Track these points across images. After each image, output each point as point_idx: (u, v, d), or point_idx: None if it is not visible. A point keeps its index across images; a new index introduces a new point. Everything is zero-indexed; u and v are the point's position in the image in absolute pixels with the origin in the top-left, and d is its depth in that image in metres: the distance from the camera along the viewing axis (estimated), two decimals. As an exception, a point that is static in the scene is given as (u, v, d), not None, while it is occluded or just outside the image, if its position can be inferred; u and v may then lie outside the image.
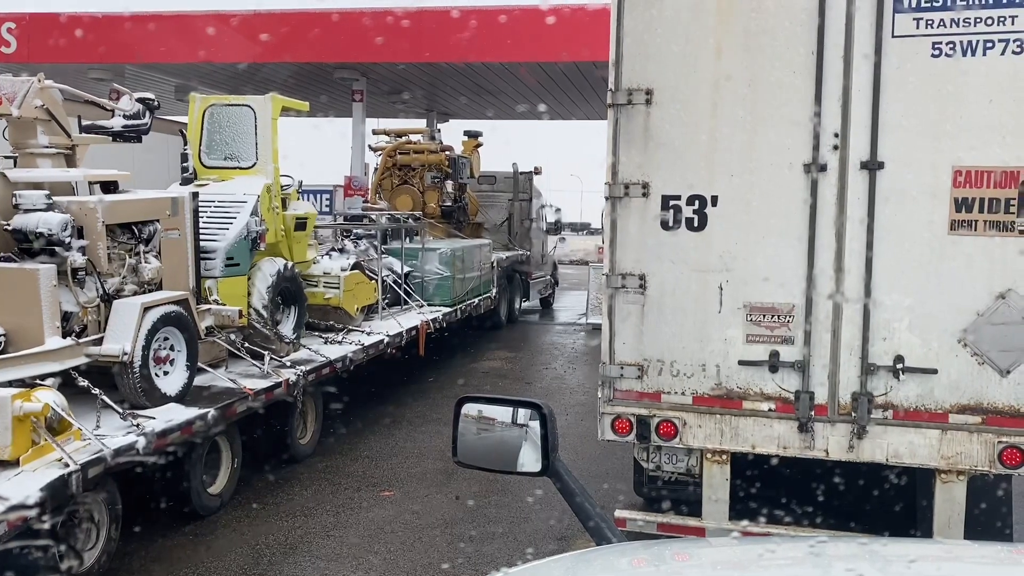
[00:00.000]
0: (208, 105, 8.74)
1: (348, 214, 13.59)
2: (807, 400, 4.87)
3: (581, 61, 15.06)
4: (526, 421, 2.32)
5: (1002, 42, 4.50)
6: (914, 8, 4.60)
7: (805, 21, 4.73)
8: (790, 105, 4.78)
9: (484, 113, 22.55)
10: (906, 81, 4.64)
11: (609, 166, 5.09)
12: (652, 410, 5.12)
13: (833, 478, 5.20)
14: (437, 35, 15.04)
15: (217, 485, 6.83)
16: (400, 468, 7.99)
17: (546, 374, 12.72)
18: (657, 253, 5.05)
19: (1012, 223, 4.55)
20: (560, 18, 14.58)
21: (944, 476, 4.76)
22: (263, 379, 7.30)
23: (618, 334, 5.16)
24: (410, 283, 12.06)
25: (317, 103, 17.64)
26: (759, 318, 4.92)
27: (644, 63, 4.98)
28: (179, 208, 7.10)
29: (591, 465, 7.75)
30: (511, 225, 17.90)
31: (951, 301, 4.66)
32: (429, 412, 9.92)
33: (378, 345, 9.53)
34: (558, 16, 14.61)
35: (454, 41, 15.03)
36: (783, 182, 4.81)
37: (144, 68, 17.00)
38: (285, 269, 8.39)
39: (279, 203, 8.57)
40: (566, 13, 14.63)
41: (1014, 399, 4.63)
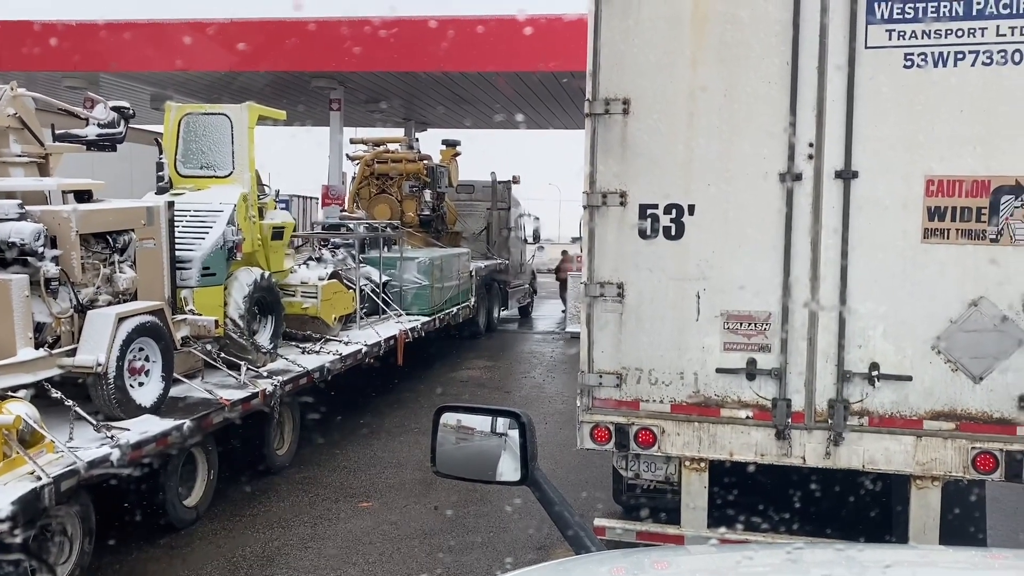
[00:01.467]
0: (184, 114, 8.69)
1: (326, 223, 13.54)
2: (784, 407, 4.90)
3: (558, 71, 15.13)
4: (505, 430, 2.32)
5: (972, 53, 4.57)
6: (886, 20, 4.67)
7: (780, 32, 4.78)
8: (765, 115, 4.82)
9: (462, 122, 22.59)
10: (879, 92, 4.70)
11: (587, 175, 5.11)
12: (631, 418, 5.13)
13: (810, 485, 5.24)
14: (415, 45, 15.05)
15: (193, 497, 6.76)
16: (378, 478, 7.95)
17: (525, 383, 12.71)
18: (635, 262, 5.07)
19: (983, 232, 4.62)
20: (537, 28, 14.64)
21: (919, 482, 4.80)
22: (240, 390, 7.24)
23: (597, 343, 5.17)
24: (388, 292, 12.02)
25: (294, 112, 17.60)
26: (736, 326, 4.95)
27: (621, 73, 5.01)
28: (154, 217, 7.04)
29: (570, 474, 7.75)
30: (489, 234, 17.91)
31: (925, 309, 4.71)
32: (408, 422, 9.88)
33: (356, 355, 9.48)
34: (535, 27, 14.67)
35: (432, 51, 15.05)
36: (759, 191, 4.85)
37: (119, 76, 16.86)
38: (262, 279, 8.34)
39: (256, 212, 8.53)
40: (543, 24, 14.69)
41: (987, 405, 4.68)
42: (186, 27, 15.49)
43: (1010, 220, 4.58)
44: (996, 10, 4.53)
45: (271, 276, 8.63)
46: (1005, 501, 6.73)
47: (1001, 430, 4.67)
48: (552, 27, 14.52)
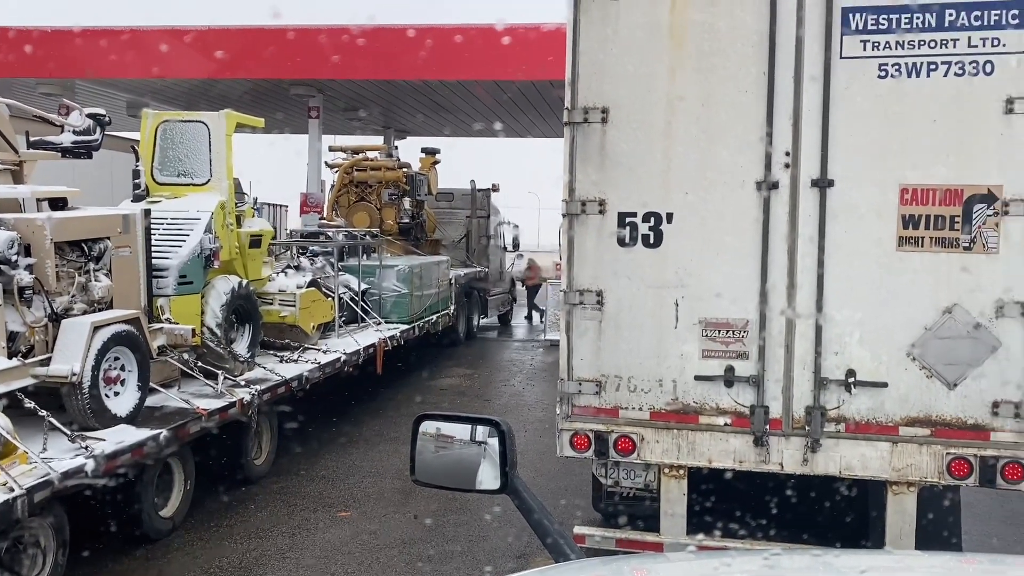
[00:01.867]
0: (161, 121, 8.63)
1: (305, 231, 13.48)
2: (762, 414, 4.93)
3: (538, 80, 15.18)
4: (484, 438, 2.31)
5: (945, 64, 4.64)
6: (861, 30, 4.73)
7: (756, 42, 4.83)
8: (742, 124, 4.86)
9: (441, 130, 22.58)
10: (854, 101, 4.75)
11: (566, 183, 5.13)
12: (610, 426, 5.14)
13: (788, 491, 5.27)
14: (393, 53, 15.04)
15: (169, 507, 6.69)
16: (357, 488, 7.90)
17: (504, 391, 12.70)
18: (614, 269, 5.09)
19: (957, 240, 4.68)
20: (516, 37, 14.68)
21: (895, 488, 4.84)
22: (217, 399, 7.18)
23: (576, 350, 5.18)
24: (367, 300, 11.98)
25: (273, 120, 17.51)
26: (714, 333, 4.98)
27: (600, 82, 5.04)
28: (130, 225, 6.98)
29: (550, 482, 7.74)
30: (469, 242, 17.90)
31: (900, 316, 4.76)
32: (387, 430, 9.84)
33: (335, 363, 9.43)
34: (514, 36, 14.71)
35: (411, 59, 15.04)
36: (736, 199, 4.89)
37: (95, 83, 16.71)
38: (239, 287, 8.28)
39: (233, 220, 8.47)
40: (522, 32, 14.74)
41: (961, 411, 4.74)
42: (163, 34, 15.39)
43: (982, 228, 4.64)
44: (967, 22, 4.60)
45: (249, 284, 8.57)
46: (979, 506, 6.80)
47: (975, 436, 4.72)
48: (531, 36, 14.58)
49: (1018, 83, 4.56)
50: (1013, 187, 4.60)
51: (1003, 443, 4.69)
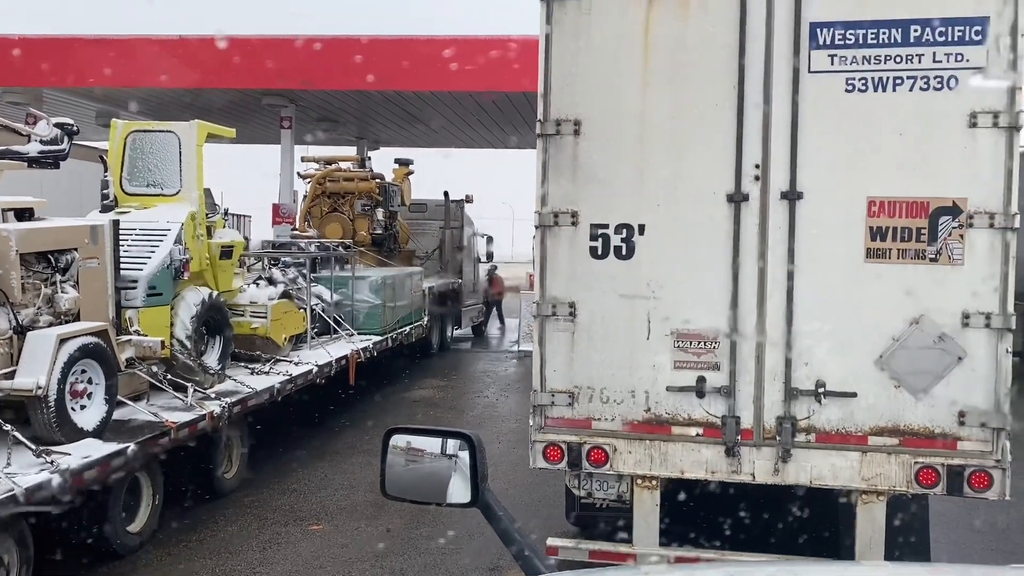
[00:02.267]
0: (130, 131, 8.54)
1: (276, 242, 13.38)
2: (733, 425, 4.96)
3: (511, 91, 15.22)
4: (455, 452, 2.30)
5: (910, 79, 4.72)
6: (829, 45, 4.80)
7: (726, 56, 4.88)
8: (713, 137, 4.91)
9: (415, 141, 22.56)
10: (822, 115, 4.82)
11: (539, 195, 5.14)
12: (583, 437, 5.14)
13: (760, 501, 5.30)
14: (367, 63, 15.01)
15: (137, 523, 6.59)
16: (329, 501, 7.83)
17: (478, 402, 12.67)
18: (587, 281, 5.10)
19: (923, 251, 4.75)
20: (490, 49, 14.72)
21: (865, 497, 4.89)
22: (186, 412, 7.09)
23: (549, 362, 5.18)
24: (340, 312, 11.91)
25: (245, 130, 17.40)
26: (686, 344, 5.01)
27: (572, 95, 5.06)
28: (98, 236, 6.89)
29: (523, 494, 7.72)
30: (442, 253, 17.87)
31: (868, 327, 4.82)
32: (359, 443, 9.77)
33: (307, 375, 9.36)
34: (488, 47, 14.76)
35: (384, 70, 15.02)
36: (707, 212, 4.93)
37: (64, 92, 16.51)
38: (210, 298, 8.20)
39: (204, 231, 8.39)
40: (496, 44, 14.79)
41: (928, 421, 4.80)
42: (134, 43, 15.26)
43: (948, 240, 4.71)
44: (932, 38, 4.68)
45: (220, 296, 8.49)
46: (948, 515, 6.88)
47: (942, 445, 4.78)
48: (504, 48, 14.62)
49: (981, 98, 4.64)
50: (977, 200, 4.67)
51: (970, 452, 4.75)
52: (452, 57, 14.67)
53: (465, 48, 14.83)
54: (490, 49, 14.70)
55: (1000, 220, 4.65)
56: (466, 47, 14.85)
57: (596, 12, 5.02)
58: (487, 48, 14.74)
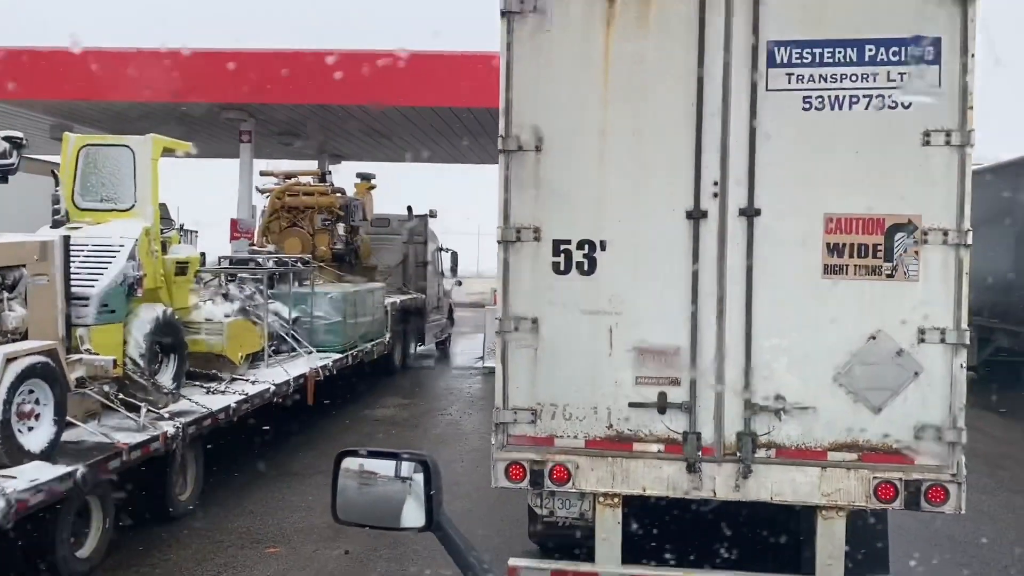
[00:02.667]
0: (83, 145, 8.37)
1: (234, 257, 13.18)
2: (694, 441, 4.95)
3: (475, 107, 15.23)
4: (410, 474, 2.24)
5: (866, 97, 4.78)
6: (786, 64, 4.84)
7: (685, 74, 4.91)
8: (672, 154, 4.92)
9: (377, 155, 22.45)
10: (780, 133, 4.86)
11: (501, 211, 5.11)
12: (545, 455, 5.09)
13: (723, 518, 5.29)
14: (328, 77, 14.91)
15: (87, 548, 6.39)
16: (286, 523, 7.68)
17: (441, 420, 12.57)
18: (549, 297, 5.07)
19: (880, 267, 4.79)
20: (453, 64, 14.73)
21: (824, 512, 4.90)
22: (139, 433, 6.93)
23: (511, 378, 5.14)
24: (299, 329, 11.75)
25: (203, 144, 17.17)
26: (647, 360, 4.99)
27: (533, 111, 5.05)
28: (48, 252, 6.73)
29: (486, 513, 7.65)
30: (405, 268, 17.77)
31: (827, 342, 4.85)
32: (317, 463, 9.60)
33: (263, 394, 9.21)
34: (451, 62, 14.76)
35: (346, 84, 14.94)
36: (667, 228, 4.94)
37: (15, 105, 16.16)
38: (164, 316, 8.03)
39: (159, 247, 8.23)
40: (459, 59, 14.79)
41: (886, 436, 4.82)
42: (90, 55, 14.99)
43: (904, 256, 4.77)
44: (887, 57, 4.75)
45: (174, 313, 8.32)
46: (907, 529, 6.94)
47: (900, 460, 4.81)
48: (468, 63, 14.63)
49: (934, 117, 4.72)
50: (931, 217, 4.74)
51: (927, 466, 4.79)
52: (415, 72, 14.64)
53: (427, 63, 14.81)
54: (453, 65, 14.71)
55: (954, 237, 4.72)
56: (428, 62, 14.83)
57: (557, 29, 5.03)
58: (450, 63, 14.74)
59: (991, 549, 7.26)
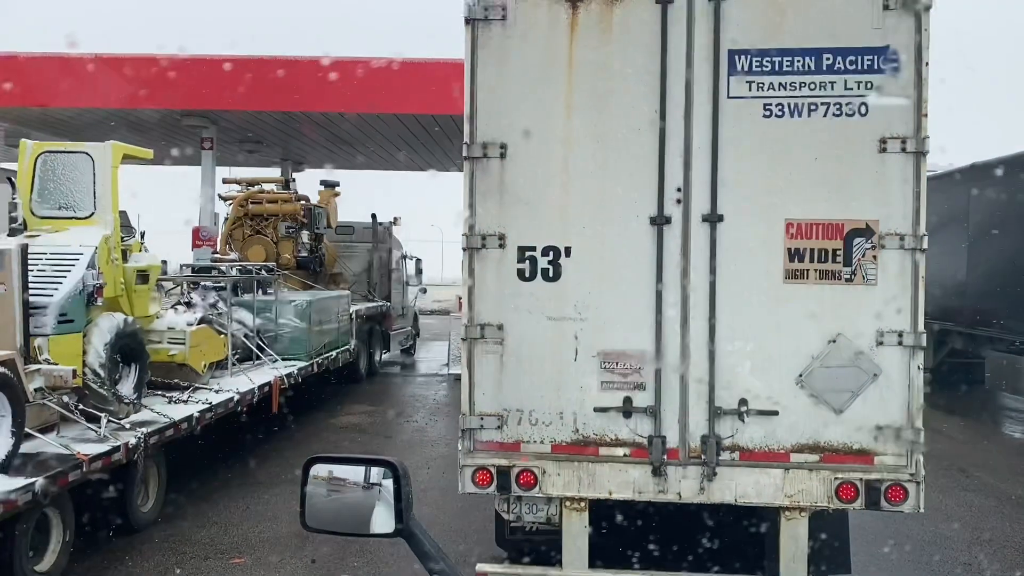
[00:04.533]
0: (41, 151, 8.23)
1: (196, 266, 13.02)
2: (660, 444, 4.99)
3: (439, 114, 15.22)
4: (379, 480, 2.25)
5: (824, 105, 4.88)
6: (746, 72, 4.93)
7: (649, 82, 4.97)
8: (636, 161, 4.98)
9: (342, 163, 22.33)
10: (741, 140, 4.94)
11: (466, 218, 5.12)
12: (512, 460, 5.10)
13: (689, 521, 5.34)
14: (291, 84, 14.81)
15: (45, 562, 6.26)
16: (251, 533, 7.60)
17: (407, 427, 12.52)
18: (514, 303, 5.09)
19: (839, 272, 4.89)
20: (417, 71, 14.70)
21: (788, 513, 4.97)
22: (100, 444, 6.82)
23: (478, 384, 5.14)
24: (263, 337, 11.64)
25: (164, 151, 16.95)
26: (612, 365, 5.04)
27: (498, 118, 5.07)
28: (5, 261, 6.60)
29: (453, 520, 7.63)
30: (370, 276, 17.69)
31: (789, 346, 4.93)
32: (283, 472, 9.51)
33: (227, 403, 9.10)
34: (414, 69, 14.73)
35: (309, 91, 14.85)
36: (631, 234, 4.99)
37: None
38: (125, 325, 7.91)
39: (119, 255, 8.11)
40: (422, 66, 14.78)
41: (847, 437, 4.92)
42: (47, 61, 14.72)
43: (862, 261, 4.87)
44: (843, 66, 4.86)
45: (135, 322, 8.20)
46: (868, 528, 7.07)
47: (860, 460, 4.91)
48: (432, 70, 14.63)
49: (889, 124, 4.83)
50: (887, 222, 4.84)
51: (886, 466, 4.89)
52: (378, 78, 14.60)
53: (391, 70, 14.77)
54: (417, 72, 14.68)
55: (910, 241, 4.83)
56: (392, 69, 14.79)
57: (520, 36, 5.06)
58: (413, 71, 14.72)
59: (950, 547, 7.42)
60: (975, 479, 9.91)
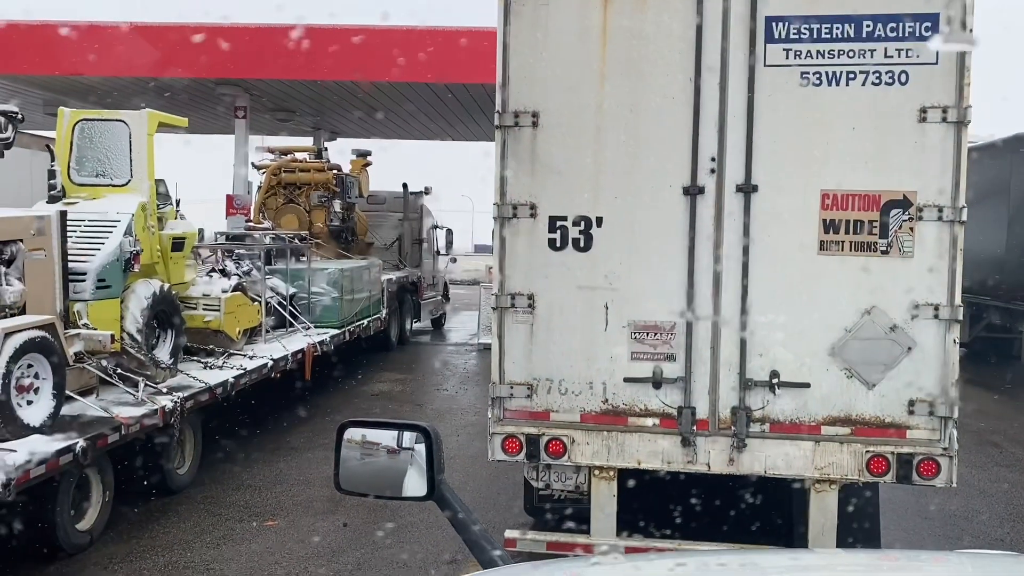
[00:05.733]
0: (78, 119, 8.31)
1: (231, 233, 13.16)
2: (689, 415, 5.00)
3: (471, 83, 15.14)
4: (411, 444, 2.28)
5: (863, 73, 4.79)
6: (784, 39, 4.84)
7: (683, 49, 4.91)
8: (669, 130, 4.93)
9: (373, 132, 22.34)
10: (777, 108, 4.87)
11: (497, 187, 5.13)
12: (541, 429, 5.14)
13: (716, 491, 5.35)
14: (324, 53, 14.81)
15: (87, 520, 6.43)
16: (284, 496, 7.74)
17: (437, 395, 12.63)
18: (545, 273, 5.10)
19: (875, 244, 4.83)
20: (449, 39, 14.62)
21: (817, 486, 4.97)
22: (137, 407, 6.95)
23: (508, 353, 5.18)
24: (296, 305, 11.76)
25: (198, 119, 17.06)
26: (643, 336, 5.04)
27: (530, 86, 5.05)
28: (45, 227, 6.71)
29: (482, 486, 7.71)
30: (401, 245, 17.75)
31: (822, 318, 4.89)
32: (315, 438, 9.66)
33: (261, 369, 9.23)
34: (447, 37, 14.65)
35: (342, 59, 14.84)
36: (664, 204, 4.96)
37: (8, 80, 16.03)
38: (161, 291, 8.03)
39: (155, 222, 8.22)
40: (455, 35, 14.69)
41: (879, 410, 4.89)
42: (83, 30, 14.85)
43: (899, 233, 4.80)
44: (884, 33, 4.76)
45: (171, 288, 8.32)
46: (897, 502, 7.03)
47: (893, 434, 4.88)
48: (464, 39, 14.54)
49: (930, 93, 4.73)
50: (926, 193, 4.77)
51: (918, 440, 4.86)
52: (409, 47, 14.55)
53: (423, 39, 14.71)
54: (449, 40, 14.60)
55: (948, 213, 4.75)
56: (424, 38, 14.72)
57: (554, 4, 5.02)
58: (445, 39, 14.64)
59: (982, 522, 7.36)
60: (1009, 454, 9.80)
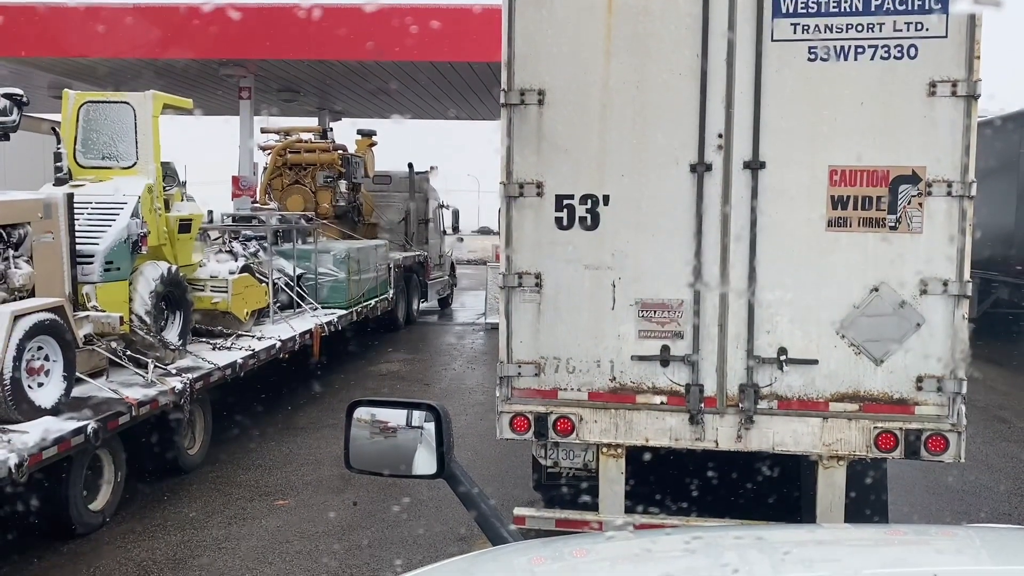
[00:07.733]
0: (84, 102, 8.31)
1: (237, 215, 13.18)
2: (697, 393, 5.01)
3: (476, 61, 15.06)
4: (421, 423, 2.29)
5: (871, 48, 4.74)
6: (792, 14, 4.80)
7: (690, 25, 4.86)
8: (676, 107, 4.90)
9: (378, 112, 22.27)
10: (785, 84, 4.83)
11: (504, 166, 5.11)
12: (549, 407, 5.16)
13: (725, 468, 5.37)
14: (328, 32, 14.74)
15: (99, 501, 6.50)
16: (295, 476, 7.80)
17: (445, 375, 12.67)
18: (552, 252, 5.10)
19: (883, 220, 4.80)
20: (454, 18, 14.53)
21: (825, 462, 4.98)
22: (147, 388, 7.00)
23: (515, 333, 5.18)
24: (303, 285, 11.78)
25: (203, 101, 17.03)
26: (650, 314, 5.03)
27: (536, 64, 5.02)
28: (52, 210, 6.73)
29: (491, 465, 7.75)
30: (407, 225, 17.75)
31: (829, 295, 4.88)
32: (324, 417, 9.72)
33: (270, 350, 9.27)
34: (452, 16, 14.56)
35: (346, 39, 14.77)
36: (671, 181, 4.94)
37: (12, 63, 16.01)
38: (169, 273, 8.06)
39: (162, 204, 8.23)
40: (459, 13, 14.60)
41: (887, 386, 4.88)
42: (87, 11, 14.79)
43: (907, 209, 4.77)
44: (893, 6, 4.70)
45: (179, 270, 8.35)
46: (905, 477, 7.05)
47: (901, 410, 4.88)
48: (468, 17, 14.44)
49: (940, 67, 4.68)
50: (936, 168, 4.73)
51: (926, 416, 4.86)
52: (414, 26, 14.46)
53: (427, 17, 14.61)
54: (453, 18, 14.51)
55: (958, 188, 4.72)
56: (428, 16, 14.63)
57: (559, -20, 4.97)
58: (449, 17, 14.54)
59: (990, 497, 7.37)
60: (1017, 429, 9.80)
